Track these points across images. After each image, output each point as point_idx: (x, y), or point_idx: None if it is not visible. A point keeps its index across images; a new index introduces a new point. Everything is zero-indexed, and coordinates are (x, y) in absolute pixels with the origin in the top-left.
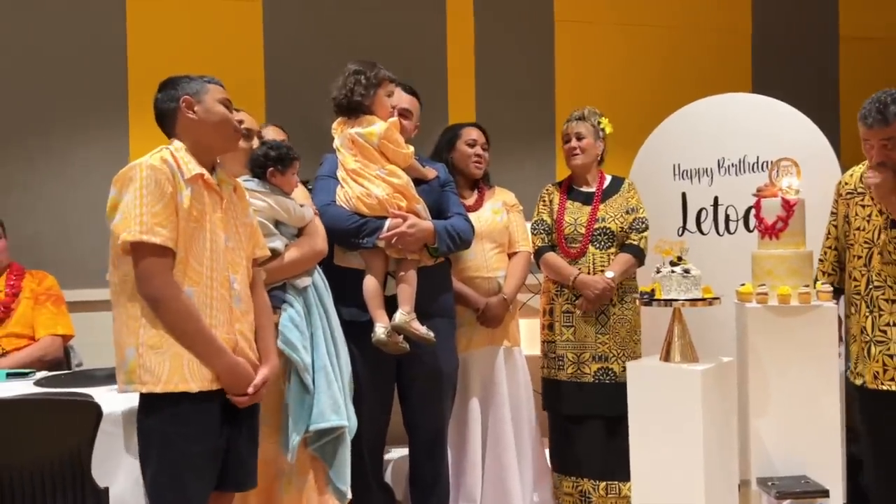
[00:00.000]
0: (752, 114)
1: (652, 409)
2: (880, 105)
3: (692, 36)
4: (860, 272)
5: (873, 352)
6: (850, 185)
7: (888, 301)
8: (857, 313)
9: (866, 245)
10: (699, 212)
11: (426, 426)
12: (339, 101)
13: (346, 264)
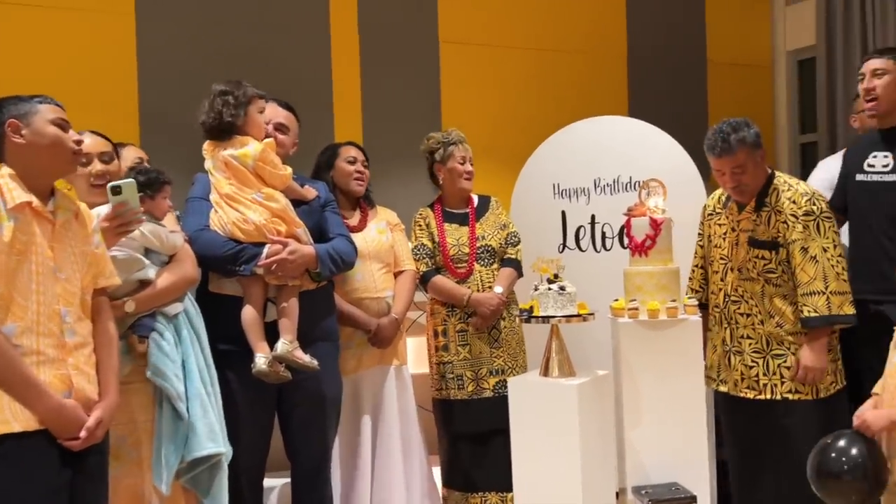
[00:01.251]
0: (625, 136)
1: (532, 423)
2: (723, 135)
3: (573, 59)
4: (718, 287)
5: (733, 361)
6: (710, 206)
7: (743, 315)
8: (718, 325)
9: (722, 261)
10: (578, 229)
11: (309, 453)
12: (208, 125)
13: (222, 291)
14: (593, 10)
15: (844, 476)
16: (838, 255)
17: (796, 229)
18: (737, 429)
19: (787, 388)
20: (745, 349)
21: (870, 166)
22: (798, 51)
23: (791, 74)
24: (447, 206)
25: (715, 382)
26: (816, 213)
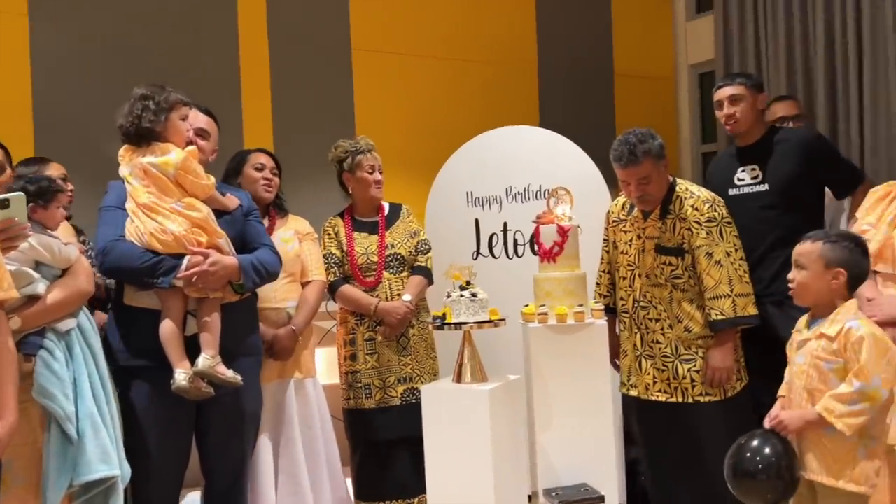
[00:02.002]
0: (535, 145)
1: (445, 429)
2: (630, 146)
3: (485, 69)
4: (626, 292)
5: (644, 366)
6: (615, 214)
7: (653, 320)
8: (628, 330)
9: (629, 268)
10: (491, 236)
11: (225, 470)
12: (126, 129)
13: (138, 304)
14: (504, 21)
15: (759, 475)
16: (740, 259)
17: (700, 235)
18: (650, 432)
19: (697, 392)
20: (656, 353)
21: (740, 180)
22: (699, 64)
23: (692, 87)
24: (357, 215)
25: (626, 387)
26: (718, 218)
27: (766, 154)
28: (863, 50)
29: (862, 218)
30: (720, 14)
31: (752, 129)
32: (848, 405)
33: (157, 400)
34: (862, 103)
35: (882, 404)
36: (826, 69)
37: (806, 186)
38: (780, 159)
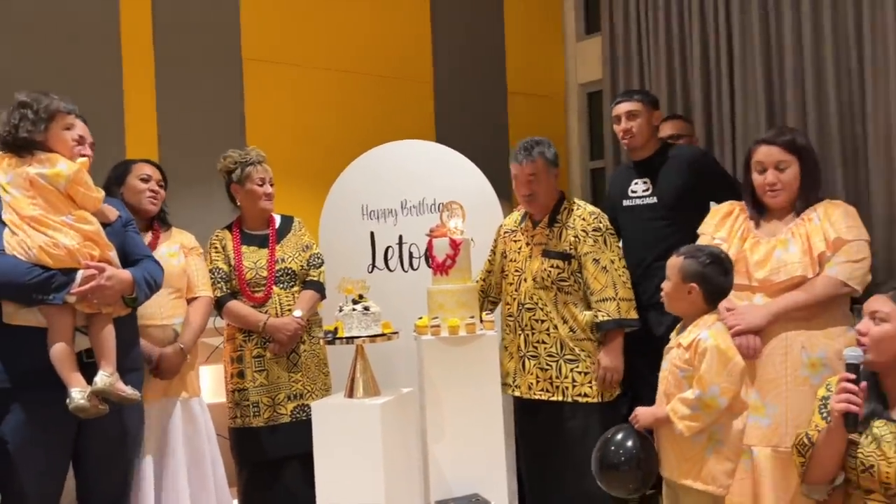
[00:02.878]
0: (429, 160)
1: (336, 445)
2: (527, 145)
3: (381, 83)
4: (512, 297)
5: (528, 366)
6: (507, 226)
7: (538, 321)
8: (512, 333)
9: (517, 273)
10: (386, 249)
11: (104, 494)
12: (3, 138)
13: (20, 322)
14: (401, 37)
15: (622, 466)
16: (623, 267)
17: (587, 243)
18: (530, 431)
19: (577, 392)
20: (540, 353)
21: (633, 192)
22: (587, 84)
23: (582, 105)
24: (246, 228)
25: (511, 388)
26: (603, 229)
27: (657, 168)
28: (734, 71)
29: (710, 233)
30: (607, 36)
31: (646, 144)
32: (689, 409)
33: (35, 422)
34: (734, 120)
35: (721, 411)
36: (702, 87)
37: (692, 200)
38: (670, 174)
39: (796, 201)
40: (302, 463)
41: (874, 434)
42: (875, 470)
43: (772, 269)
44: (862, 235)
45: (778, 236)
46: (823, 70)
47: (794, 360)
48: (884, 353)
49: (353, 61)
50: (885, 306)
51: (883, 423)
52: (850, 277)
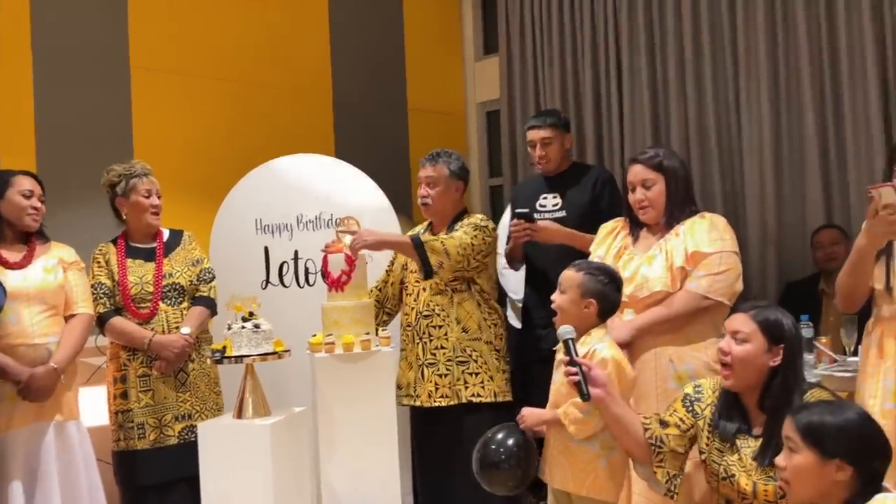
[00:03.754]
0: (326, 174)
1: (224, 468)
2: (436, 152)
3: (279, 95)
4: (410, 307)
5: (427, 374)
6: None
7: (436, 327)
8: (411, 343)
9: (416, 284)
10: (281, 265)
11: None
12: None
13: None
14: (299, 49)
15: (502, 465)
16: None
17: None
18: (428, 440)
19: (470, 393)
20: (439, 359)
21: (542, 206)
22: (486, 102)
23: (481, 123)
24: (132, 241)
25: (411, 398)
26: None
27: (566, 185)
28: (623, 92)
29: (594, 251)
30: (504, 56)
31: (559, 164)
32: (582, 413)
33: None
34: (623, 139)
35: None
36: (594, 107)
37: (596, 216)
38: (577, 190)
39: (664, 217)
40: (190, 486)
41: (737, 448)
42: (735, 479)
43: (637, 286)
44: (726, 247)
45: (647, 252)
46: (703, 88)
47: (663, 374)
48: (745, 373)
49: (247, 72)
50: (745, 326)
51: (745, 439)
52: (709, 290)
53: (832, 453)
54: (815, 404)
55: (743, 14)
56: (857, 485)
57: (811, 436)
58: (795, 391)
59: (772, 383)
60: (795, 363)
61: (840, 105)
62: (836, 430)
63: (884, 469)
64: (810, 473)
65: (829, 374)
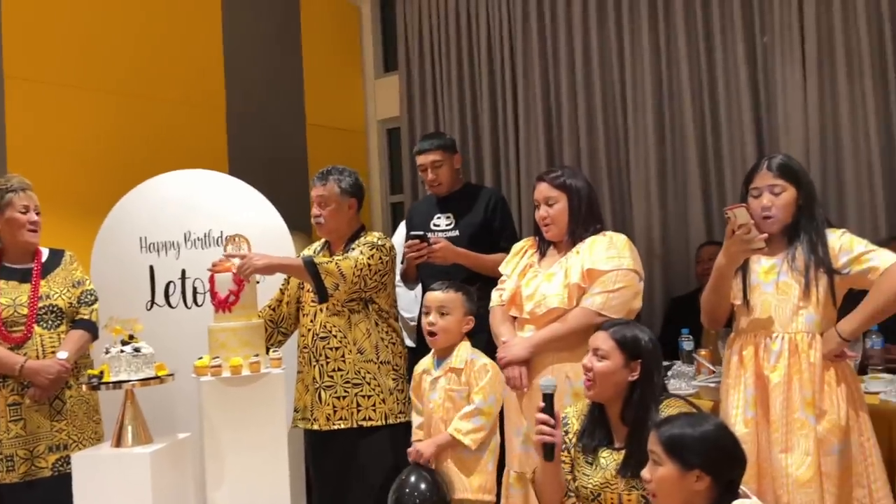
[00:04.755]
0: (216, 190)
1: (101, 501)
2: (325, 170)
3: (167, 108)
4: (307, 328)
5: (324, 397)
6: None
7: (332, 349)
8: (307, 365)
9: (313, 304)
10: (167, 285)
11: None
12: None
13: None
14: (190, 61)
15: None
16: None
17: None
18: (325, 465)
19: (362, 416)
20: (336, 381)
21: (435, 226)
22: (387, 120)
23: (381, 141)
24: (7, 261)
25: (309, 422)
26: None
27: (459, 205)
28: (518, 112)
29: (503, 269)
30: (404, 75)
31: (451, 186)
32: (470, 422)
33: None
34: (518, 159)
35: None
36: (490, 127)
37: (488, 236)
38: (470, 211)
39: (567, 235)
40: None
41: (601, 464)
42: (602, 498)
43: (535, 303)
44: (623, 265)
45: (549, 270)
46: (593, 115)
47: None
48: (605, 388)
49: (133, 83)
50: (604, 344)
51: (608, 453)
52: (604, 307)
53: (691, 464)
54: (678, 418)
55: (630, 49)
56: (715, 493)
57: (672, 448)
58: (652, 403)
59: (631, 397)
60: (652, 377)
61: (718, 133)
62: (694, 442)
63: (739, 476)
64: (673, 484)
65: (705, 385)
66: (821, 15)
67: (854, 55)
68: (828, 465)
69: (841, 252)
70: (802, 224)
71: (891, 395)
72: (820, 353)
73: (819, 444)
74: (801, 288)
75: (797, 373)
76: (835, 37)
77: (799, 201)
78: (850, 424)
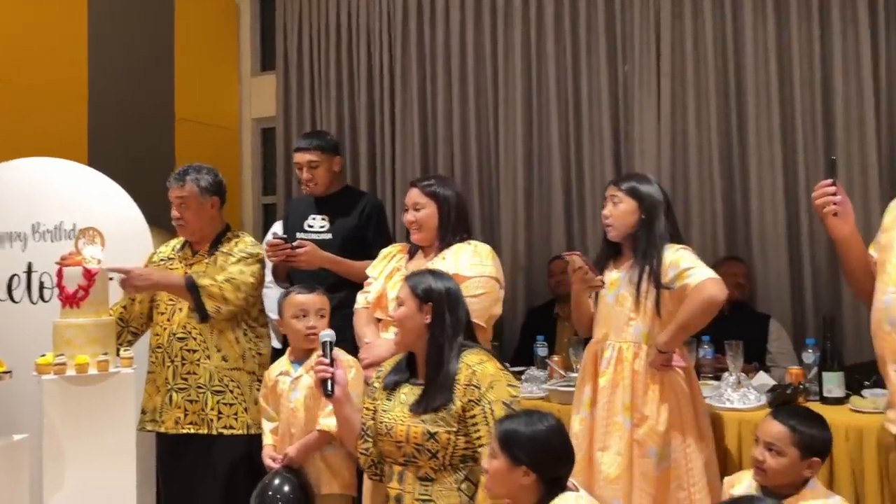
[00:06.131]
0: (70, 179)
1: None
2: (183, 170)
3: (22, 91)
4: (162, 327)
5: (175, 399)
6: (164, 253)
7: (190, 351)
8: (160, 365)
9: (171, 303)
10: (11, 278)
11: None
12: None
13: None
14: (50, 42)
15: None
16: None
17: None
18: (176, 469)
19: (222, 424)
20: (190, 385)
21: (309, 226)
22: (262, 119)
23: (256, 140)
24: None
25: (157, 424)
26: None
27: (336, 208)
28: (395, 115)
29: (370, 272)
30: (281, 74)
31: (328, 186)
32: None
33: None
34: (395, 162)
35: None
36: (367, 130)
37: (361, 243)
38: (346, 215)
39: (435, 241)
40: None
41: (400, 399)
42: (393, 431)
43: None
44: (485, 273)
45: None
46: (467, 124)
47: None
48: (406, 333)
49: None
50: (402, 292)
51: (409, 389)
52: None
53: (520, 460)
54: (518, 415)
55: (504, 69)
56: (541, 488)
57: (506, 443)
58: (446, 343)
59: (429, 338)
60: (444, 319)
61: (581, 154)
62: (525, 440)
63: (566, 474)
64: (503, 476)
65: (554, 389)
66: (675, 48)
67: (702, 85)
68: (645, 467)
69: (670, 267)
70: (640, 237)
71: (714, 400)
72: (644, 363)
73: (637, 447)
74: (633, 300)
75: (621, 379)
76: (686, 68)
77: (641, 214)
78: (673, 431)
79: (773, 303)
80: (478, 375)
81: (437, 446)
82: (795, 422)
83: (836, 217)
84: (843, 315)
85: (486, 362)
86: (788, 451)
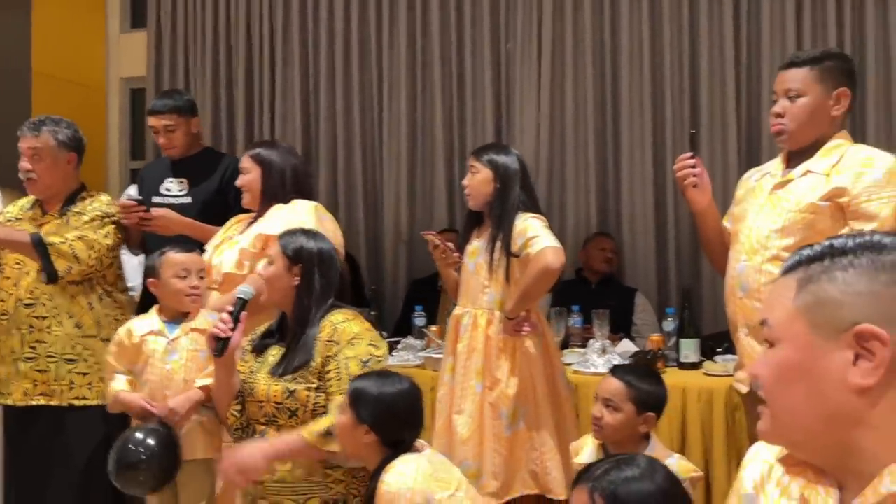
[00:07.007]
0: None
1: None
2: (39, 120)
3: None
4: (9, 293)
5: (23, 369)
6: (12, 213)
7: (39, 318)
8: (6, 333)
9: (17, 266)
10: None
11: None
12: None
13: None
14: None
15: (140, 465)
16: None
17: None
18: (24, 444)
19: (74, 395)
20: (39, 354)
21: (167, 190)
22: (132, 79)
23: (124, 101)
24: None
25: (3, 396)
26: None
27: (195, 170)
28: (275, 74)
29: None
30: (153, 32)
31: (187, 150)
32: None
33: None
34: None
35: None
36: (245, 88)
37: (222, 206)
38: (206, 178)
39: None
40: None
41: (267, 360)
42: (255, 391)
43: (216, 271)
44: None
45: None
46: (350, 89)
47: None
48: (274, 293)
49: None
50: (272, 250)
51: (277, 350)
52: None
53: (363, 419)
54: (371, 375)
55: (388, 42)
56: (383, 448)
57: (354, 401)
58: (314, 305)
59: (295, 299)
60: (313, 280)
61: (464, 130)
62: (371, 400)
63: (411, 437)
64: (347, 433)
65: (429, 356)
66: (556, 29)
67: (580, 65)
68: (497, 429)
69: (518, 235)
70: (495, 206)
71: (580, 366)
72: (497, 329)
73: (489, 409)
74: (487, 267)
75: (476, 345)
76: (566, 48)
77: (496, 184)
78: (524, 395)
79: (640, 277)
80: (339, 332)
81: (297, 404)
82: (632, 378)
83: (695, 189)
84: (703, 288)
85: (351, 321)
86: (624, 407)
